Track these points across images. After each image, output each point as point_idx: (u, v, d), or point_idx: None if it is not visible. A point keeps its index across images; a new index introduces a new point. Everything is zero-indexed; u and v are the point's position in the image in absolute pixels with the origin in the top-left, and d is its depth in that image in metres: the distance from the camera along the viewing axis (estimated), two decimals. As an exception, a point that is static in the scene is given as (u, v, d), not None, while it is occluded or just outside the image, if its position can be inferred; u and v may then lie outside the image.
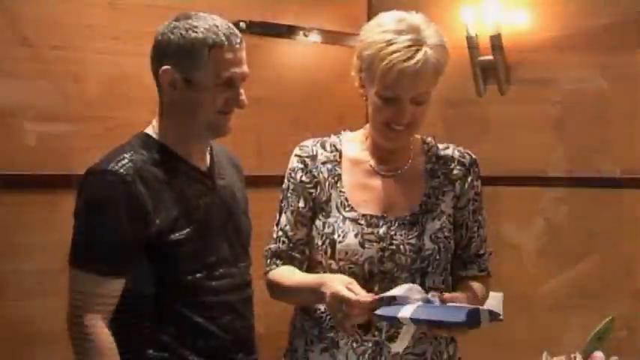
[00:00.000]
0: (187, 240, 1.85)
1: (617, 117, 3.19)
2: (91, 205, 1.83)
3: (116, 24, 2.98)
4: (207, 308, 1.88)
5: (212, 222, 1.91)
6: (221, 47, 1.82)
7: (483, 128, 3.44)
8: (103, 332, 1.79)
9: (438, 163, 1.96)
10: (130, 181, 1.79)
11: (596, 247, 3.25)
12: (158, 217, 1.81)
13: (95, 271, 1.79)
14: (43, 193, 2.84)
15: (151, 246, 1.82)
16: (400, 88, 1.80)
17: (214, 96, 1.84)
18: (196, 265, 1.86)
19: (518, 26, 3.40)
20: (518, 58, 3.41)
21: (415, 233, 1.87)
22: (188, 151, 1.91)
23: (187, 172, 1.91)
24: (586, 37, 3.25)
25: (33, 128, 2.81)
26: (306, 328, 1.94)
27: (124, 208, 1.79)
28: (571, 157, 3.31)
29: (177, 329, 1.85)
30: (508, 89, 3.44)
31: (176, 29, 1.83)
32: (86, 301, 1.80)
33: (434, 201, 1.92)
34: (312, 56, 3.64)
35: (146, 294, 1.85)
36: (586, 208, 3.28)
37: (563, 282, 3.30)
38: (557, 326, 3.25)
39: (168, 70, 1.84)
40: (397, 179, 1.94)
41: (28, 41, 2.78)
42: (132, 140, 1.91)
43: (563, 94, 3.32)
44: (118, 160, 1.82)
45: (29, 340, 2.77)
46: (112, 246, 1.80)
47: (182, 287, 1.86)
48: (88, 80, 2.92)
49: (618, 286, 3.18)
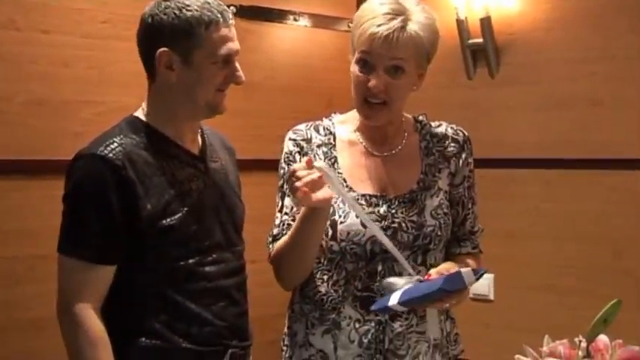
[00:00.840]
0: (179, 225, 1.75)
1: (608, 98, 3.14)
2: (79, 190, 1.74)
3: (105, 7, 2.88)
4: (200, 294, 1.78)
5: (204, 206, 1.82)
6: (217, 24, 1.73)
7: (474, 111, 3.38)
8: (93, 321, 1.70)
9: (432, 140, 1.92)
10: (120, 165, 1.70)
11: (584, 227, 3.21)
12: (149, 202, 1.72)
13: (85, 258, 1.70)
14: (33, 178, 2.75)
15: (142, 232, 1.72)
16: (372, 52, 1.76)
17: (214, 74, 1.75)
18: (189, 251, 1.77)
19: (507, 9, 3.35)
20: (508, 41, 3.36)
21: (416, 210, 1.83)
22: (179, 134, 1.82)
23: (179, 156, 1.81)
24: (576, 18, 3.21)
25: (22, 113, 2.71)
26: (306, 312, 1.87)
27: (113, 194, 1.70)
28: (560, 139, 3.26)
29: (169, 316, 1.76)
30: (498, 72, 3.39)
31: (168, 9, 1.73)
32: (76, 288, 1.71)
33: (431, 178, 1.88)
34: (301, 40, 3.56)
35: (138, 281, 1.76)
36: (575, 190, 3.24)
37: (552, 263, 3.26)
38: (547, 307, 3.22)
39: (165, 51, 1.74)
40: (393, 158, 1.89)
41: (16, 24, 2.68)
42: (121, 124, 1.82)
43: (553, 75, 3.27)
44: (107, 145, 1.73)
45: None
46: (101, 232, 1.70)
47: (174, 273, 1.77)
48: (77, 65, 2.82)
49: (605, 267, 3.15)
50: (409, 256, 1.80)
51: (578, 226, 3.22)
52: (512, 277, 3.30)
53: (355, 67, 1.81)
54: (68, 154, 2.70)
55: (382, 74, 1.77)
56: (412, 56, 1.78)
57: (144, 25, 1.77)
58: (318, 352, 1.84)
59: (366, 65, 1.79)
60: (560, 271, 3.24)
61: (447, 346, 1.89)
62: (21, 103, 2.70)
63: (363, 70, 1.79)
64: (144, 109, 1.83)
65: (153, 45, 1.75)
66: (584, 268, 3.20)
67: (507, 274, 3.29)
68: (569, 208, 3.23)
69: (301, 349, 1.87)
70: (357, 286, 1.80)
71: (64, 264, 1.73)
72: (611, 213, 3.14)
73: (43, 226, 2.70)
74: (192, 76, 1.75)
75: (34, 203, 2.73)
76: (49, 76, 2.75)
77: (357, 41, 1.79)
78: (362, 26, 1.77)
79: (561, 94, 3.24)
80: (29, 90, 2.71)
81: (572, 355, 1.55)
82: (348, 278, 1.81)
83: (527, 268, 3.29)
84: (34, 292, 2.70)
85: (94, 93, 2.86)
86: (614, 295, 3.09)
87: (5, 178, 2.67)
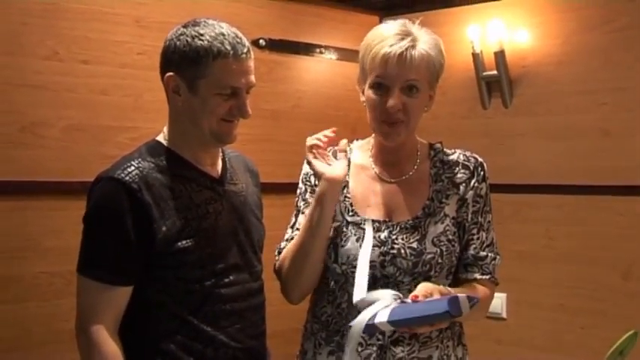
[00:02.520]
0: (194, 247, 1.67)
1: (617, 128, 3.06)
2: (97, 212, 1.67)
3: (141, 40, 2.86)
4: (215, 317, 1.70)
5: (221, 228, 1.73)
6: (226, 57, 1.65)
7: (489, 139, 3.32)
8: (108, 341, 1.62)
9: (443, 167, 1.81)
10: (136, 188, 1.63)
11: (594, 250, 3.13)
12: (164, 225, 1.65)
13: (100, 279, 1.63)
14: (73, 199, 2.69)
15: (157, 254, 1.65)
16: (387, 73, 1.69)
17: (217, 104, 1.67)
18: (204, 273, 1.69)
19: (520, 43, 3.30)
20: (521, 73, 3.30)
21: (417, 237, 1.73)
22: (197, 157, 1.75)
23: (196, 179, 1.73)
24: (585, 52, 3.16)
25: (63, 138, 2.69)
26: (315, 331, 1.80)
27: (129, 216, 1.62)
28: (572, 166, 3.19)
29: (185, 338, 1.68)
30: (511, 102, 3.32)
31: (182, 36, 1.67)
32: (92, 309, 1.63)
33: (437, 204, 1.77)
34: (326, 72, 3.52)
35: (154, 302, 1.68)
36: (586, 214, 3.16)
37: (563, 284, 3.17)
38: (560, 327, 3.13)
39: (172, 76, 1.68)
40: (401, 184, 1.80)
41: (58, 56, 2.67)
42: (141, 148, 1.76)
43: (564, 106, 3.20)
44: (124, 168, 1.66)
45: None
46: (116, 254, 1.63)
47: (190, 296, 1.68)
48: (114, 93, 2.81)
49: (615, 288, 3.06)
50: (411, 281, 1.70)
51: (588, 249, 3.13)
52: (524, 297, 3.22)
53: (370, 92, 1.73)
54: (107, 177, 2.75)
55: (399, 94, 1.70)
56: (424, 75, 1.71)
57: (163, 48, 1.72)
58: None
59: (381, 87, 1.71)
60: (571, 292, 3.15)
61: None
62: (62, 129, 2.68)
63: (379, 92, 1.71)
64: (164, 132, 1.77)
65: (165, 68, 1.70)
66: (594, 289, 3.12)
67: (520, 293, 3.21)
68: (580, 231, 3.15)
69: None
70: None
71: (82, 284, 1.67)
72: (620, 236, 3.05)
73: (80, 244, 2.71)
74: (196, 104, 1.68)
75: (73, 222, 2.68)
76: (88, 103, 2.73)
77: (369, 66, 1.72)
78: (373, 50, 1.70)
79: (572, 123, 3.17)
80: (69, 116, 2.70)
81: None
82: (350, 301, 1.69)
83: (540, 288, 3.20)
84: (71, 305, 2.65)
85: (129, 119, 2.84)
86: (624, 316, 3.04)
87: (47, 199, 2.64)
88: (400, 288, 1.67)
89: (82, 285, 1.67)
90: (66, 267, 2.67)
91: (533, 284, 3.22)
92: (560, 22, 3.19)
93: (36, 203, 2.63)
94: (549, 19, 3.22)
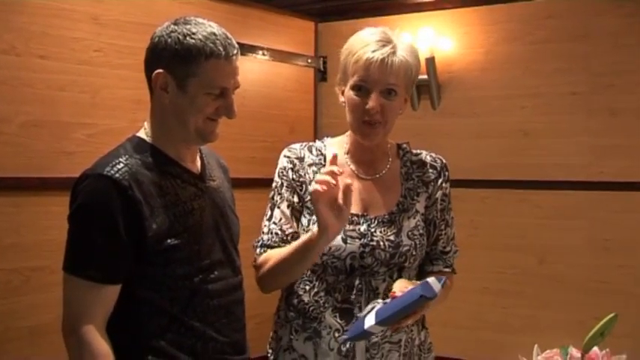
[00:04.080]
0: (183, 244, 1.57)
1: (535, 129, 3.21)
2: (86, 210, 1.52)
3: (98, 37, 2.70)
4: (203, 312, 1.61)
5: (205, 224, 1.64)
6: (218, 57, 1.54)
7: (418, 137, 3.37)
8: (100, 341, 1.50)
9: (412, 167, 1.83)
10: (127, 186, 1.51)
11: (514, 238, 3.26)
12: (154, 222, 1.54)
13: (90, 278, 1.50)
14: (29, 195, 2.53)
15: (147, 251, 1.53)
16: (369, 76, 1.67)
17: (206, 103, 1.56)
18: (192, 269, 1.59)
19: (448, 51, 3.38)
20: (448, 78, 3.39)
21: (393, 231, 1.73)
22: (180, 154, 1.64)
23: (180, 175, 1.63)
24: (508, 61, 3.28)
25: (20, 134, 2.48)
26: (290, 319, 1.76)
27: (120, 214, 1.50)
28: (494, 163, 3.30)
29: (174, 334, 1.58)
30: (439, 104, 3.40)
31: (174, 33, 1.55)
32: (81, 309, 1.50)
33: (409, 201, 1.78)
34: (268, 73, 3.46)
35: (144, 300, 1.56)
36: (506, 206, 3.29)
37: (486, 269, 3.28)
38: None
39: (162, 73, 1.56)
40: (376, 182, 1.79)
41: (16, 50, 2.46)
42: (125, 144, 1.61)
43: (488, 109, 3.31)
44: (113, 165, 1.53)
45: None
46: (107, 252, 1.50)
47: (179, 292, 1.58)
48: (72, 89, 2.62)
49: (532, 272, 3.20)
50: (386, 272, 1.71)
51: (509, 238, 3.25)
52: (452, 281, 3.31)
53: (351, 93, 1.70)
54: (62, 172, 2.56)
55: (378, 96, 1.68)
56: (402, 80, 1.70)
57: (151, 44, 1.59)
58: (300, 356, 1.74)
59: (361, 89, 1.69)
60: (494, 276, 3.27)
61: (419, 354, 1.80)
62: (19, 124, 2.48)
63: (360, 94, 1.69)
64: (146, 129, 1.64)
65: (153, 65, 1.58)
66: (514, 273, 3.24)
67: (448, 278, 3.28)
68: (501, 222, 3.27)
69: (285, 353, 1.76)
70: (336, 297, 1.70)
71: (70, 283, 1.52)
72: (537, 226, 3.19)
73: (38, 240, 2.51)
74: (184, 102, 1.56)
75: (30, 218, 2.51)
76: (46, 99, 2.54)
77: (351, 69, 1.69)
78: (356, 54, 1.68)
79: (494, 124, 3.29)
80: (27, 112, 2.50)
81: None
82: (328, 290, 1.70)
83: (465, 273, 3.23)
84: (29, 302, 2.49)
85: (86, 116, 2.67)
86: (540, 296, 3.19)
87: (4, 195, 2.44)
88: (375, 278, 1.68)
89: (71, 284, 1.52)
90: (24, 264, 2.49)
91: (460, 270, 3.27)
92: (485, 33, 3.30)
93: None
94: (475, 30, 3.32)
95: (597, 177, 3.08)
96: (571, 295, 3.10)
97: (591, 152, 3.09)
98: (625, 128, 3.04)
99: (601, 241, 3.07)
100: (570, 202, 3.13)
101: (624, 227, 3.03)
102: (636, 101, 3.01)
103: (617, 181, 3.04)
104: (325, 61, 3.65)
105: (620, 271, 3.03)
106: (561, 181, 3.13)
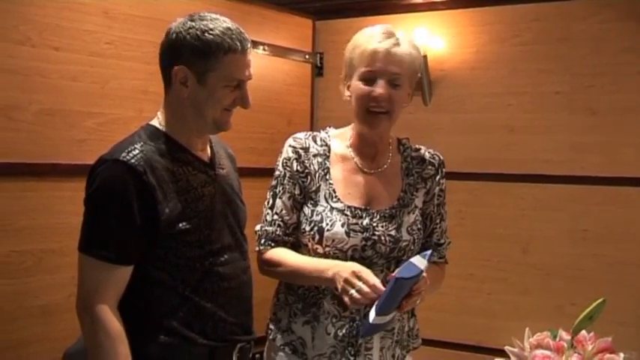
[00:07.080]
0: (194, 228, 1.62)
1: (520, 125, 3.25)
2: (102, 193, 1.56)
3: (109, 30, 2.70)
4: (214, 293, 1.65)
5: (215, 210, 1.68)
6: (235, 52, 1.60)
7: (410, 132, 3.39)
8: (113, 320, 1.53)
9: (412, 163, 1.85)
10: (142, 171, 1.55)
11: (499, 228, 3.30)
12: (167, 207, 1.57)
13: (105, 258, 1.53)
14: (43, 180, 2.54)
15: (160, 235, 1.57)
16: (376, 66, 1.70)
17: (224, 95, 1.62)
18: (203, 253, 1.64)
19: (440, 50, 3.41)
20: (440, 76, 3.42)
21: (394, 225, 1.75)
22: (192, 142, 1.68)
23: (192, 163, 1.67)
24: (496, 61, 3.32)
25: (34, 121, 2.50)
26: (290, 302, 1.79)
27: (135, 198, 1.54)
28: (481, 157, 3.34)
29: (186, 314, 1.62)
30: (431, 101, 3.43)
31: (192, 30, 1.59)
32: (96, 288, 1.54)
33: (409, 197, 1.81)
34: (268, 68, 3.48)
35: (156, 281, 1.60)
36: (492, 198, 3.33)
37: (473, 256, 3.33)
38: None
39: (182, 68, 1.60)
40: (378, 176, 1.81)
41: (31, 41, 2.47)
42: (140, 132, 1.66)
43: (476, 106, 3.35)
44: (129, 151, 1.57)
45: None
46: (122, 234, 1.54)
47: (191, 274, 1.62)
48: (83, 80, 2.63)
49: (516, 260, 3.25)
50: (384, 264, 1.73)
51: (494, 227, 3.30)
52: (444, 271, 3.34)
53: (358, 83, 1.72)
54: (73, 159, 2.58)
55: (385, 84, 1.70)
56: (407, 71, 1.73)
57: (168, 39, 1.62)
58: (298, 338, 1.77)
59: (369, 79, 1.71)
60: (479, 264, 3.31)
61: (407, 340, 1.83)
62: (33, 113, 2.49)
63: (367, 83, 1.72)
64: (159, 118, 1.68)
65: (173, 60, 1.61)
66: (498, 261, 3.29)
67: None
68: (487, 212, 3.31)
69: (284, 334, 1.79)
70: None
71: (85, 263, 1.56)
72: (521, 217, 3.24)
73: (50, 223, 2.52)
74: (203, 95, 1.61)
75: (44, 202, 2.52)
76: (58, 88, 2.55)
77: (358, 60, 1.72)
78: (362, 47, 1.71)
79: (482, 120, 3.33)
80: (40, 100, 2.50)
81: (556, 346, 1.55)
82: None
83: (452, 260, 3.28)
84: (41, 282, 2.50)
85: (96, 105, 2.68)
86: (523, 283, 3.24)
87: (18, 180, 2.45)
88: (373, 269, 1.68)
89: (86, 264, 1.56)
90: (36, 246, 2.51)
91: (448, 257, 3.36)
92: (475, 34, 3.34)
93: (7, 184, 2.43)
94: (466, 31, 3.36)
95: (577, 172, 3.13)
96: (551, 282, 3.16)
97: (572, 148, 3.14)
98: (604, 126, 3.10)
99: (579, 231, 3.12)
100: (552, 194, 3.18)
101: (601, 219, 3.09)
102: (615, 101, 3.07)
103: (595, 176, 3.09)
104: (322, 57, 3.68)
105: (595, 260, 3.09)
106: (544, 175, 3.18)
